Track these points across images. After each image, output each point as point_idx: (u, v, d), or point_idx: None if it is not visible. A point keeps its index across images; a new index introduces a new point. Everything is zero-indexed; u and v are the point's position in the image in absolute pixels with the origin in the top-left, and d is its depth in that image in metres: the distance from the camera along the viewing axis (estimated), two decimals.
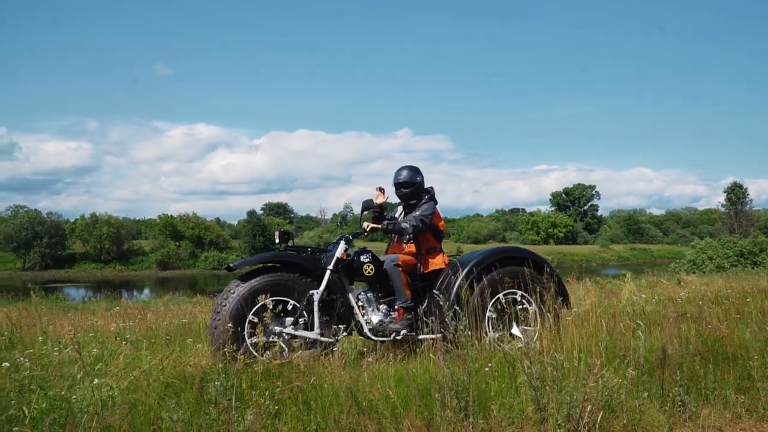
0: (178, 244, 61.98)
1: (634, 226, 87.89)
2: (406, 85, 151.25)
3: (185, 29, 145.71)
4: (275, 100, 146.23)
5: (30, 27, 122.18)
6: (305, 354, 4.26)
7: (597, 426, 2.99)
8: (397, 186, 5.21)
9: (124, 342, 5.08)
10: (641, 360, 3.76)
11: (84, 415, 2.92)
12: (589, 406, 3.02)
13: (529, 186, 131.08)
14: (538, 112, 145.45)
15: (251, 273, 4.63)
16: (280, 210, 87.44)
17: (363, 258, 4.92)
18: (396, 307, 4.90)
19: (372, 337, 4.78)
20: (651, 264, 42.09)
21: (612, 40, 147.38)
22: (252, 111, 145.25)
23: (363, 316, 4.81)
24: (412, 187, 5.16)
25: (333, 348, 4.46)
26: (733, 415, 3.38)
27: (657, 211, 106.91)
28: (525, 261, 4.96)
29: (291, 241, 4.94)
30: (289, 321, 4.54)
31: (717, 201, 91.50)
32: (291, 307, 4.56)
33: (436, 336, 4.65)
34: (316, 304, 4.53)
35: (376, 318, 4.82)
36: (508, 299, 4.89)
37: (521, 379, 3.42)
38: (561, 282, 5.11)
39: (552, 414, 3.08)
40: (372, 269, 4.90)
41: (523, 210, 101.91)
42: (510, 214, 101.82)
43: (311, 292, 4.57)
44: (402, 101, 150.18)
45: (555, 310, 4.64)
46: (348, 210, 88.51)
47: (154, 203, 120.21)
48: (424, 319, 4.72)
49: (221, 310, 4.43)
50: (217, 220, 74.43)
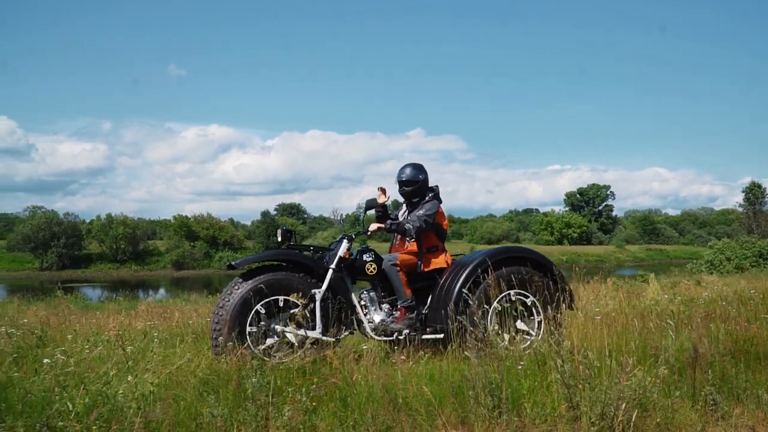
0: (192, 244, 62.36)
1: (649, 226, 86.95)
2: (418, 86, 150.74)
3: (199, 30, 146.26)
4: (287, 100, 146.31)
5: (43, 28, 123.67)
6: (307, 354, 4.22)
7: (631, 424, 3.01)
8: (400, 184, 5.19)
9: (153, 340, 5.16)
10: (672, 359, 3.77)
11: (129, 410, 2.99)
12: (624, 404, 3.04)
13: (543, 186, 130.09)
14: (550, 112, 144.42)
15: (253, 271, 4.60)
16: (293, 210, 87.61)
17: (365, 257, 4.89)
18: (398, 307, 4.88)
19: (374, 337, 4.77)
20: (667, 264, 41.76)
21: (621, 39, 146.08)
22: (264, 112, 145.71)
23: (365, 315, 4.82)
24: (414, 185, 5.14)
25: (334, 347, 4.37)
26: (767, 415, 3.37)
27: (673, 212, 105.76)
28: (528, 261, 4.95)
29: (293, 240, 4.93)
30: (291, 320, 4.49)
31: (734, 201, 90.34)
32: (292, 306, 4.52)
33: (438, 336, 4.67)
34: (318, 303, 4.52)
35: (378, 317, 4.82)
36: (511, 299, 4.82)
37: (552, 378, 3.45)
38: (565, 282, 5.09)
39: (585, 412, 3.10)
40: (374, 268, 4.86)
41: (537, 210, 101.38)
42: (524, 214, 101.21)
43: (313, 291, 4.55)
44: (414, 101, 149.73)
45: (559, 310, 4.66)
46: (360, 210, 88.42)
47: (168, 204, 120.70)
48: (424, 320, 4.71)
49: (222, 307, 4.41)
50: (231, 220, 74.72)
